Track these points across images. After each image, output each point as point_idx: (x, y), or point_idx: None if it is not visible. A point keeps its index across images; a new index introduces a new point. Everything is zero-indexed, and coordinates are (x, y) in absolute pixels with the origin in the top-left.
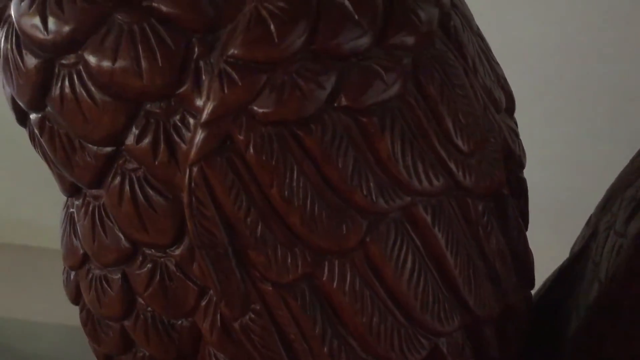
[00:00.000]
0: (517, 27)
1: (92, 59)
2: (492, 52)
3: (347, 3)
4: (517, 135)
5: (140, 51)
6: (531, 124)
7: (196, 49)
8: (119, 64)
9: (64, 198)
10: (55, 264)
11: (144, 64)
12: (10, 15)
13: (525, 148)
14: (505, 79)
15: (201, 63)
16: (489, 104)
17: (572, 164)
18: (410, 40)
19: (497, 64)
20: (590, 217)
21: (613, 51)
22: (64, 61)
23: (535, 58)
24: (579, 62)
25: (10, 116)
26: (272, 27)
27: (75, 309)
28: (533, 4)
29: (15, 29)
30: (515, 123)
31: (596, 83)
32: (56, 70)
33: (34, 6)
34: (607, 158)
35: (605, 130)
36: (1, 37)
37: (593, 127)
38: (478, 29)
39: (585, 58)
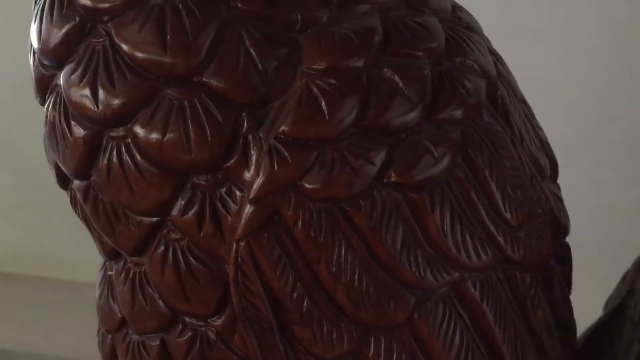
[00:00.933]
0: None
1: (141, 133)
2: (535, 118)
3: (396, 77)
4: (561, 201)
5: (190, 126)
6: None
7: (245, 123)
8: (169, 138)
9: (101, 259)
10: (73, 296)
11: (193, 138)
12: (58, 85)
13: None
14: (548, 144)
15: (250, 137)
16: (535, 172)
17: (604, 210)
18: (458, 113)
19: (541, 128)
20: (626, 274)
21: None
22: (112, 133)
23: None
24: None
25: (30, 151)
26: (323, 104)
27: (94, 344)
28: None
29: (64, 99)
30: (559, 188)
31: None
32: (104, 141)
33: (85, 79)
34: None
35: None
36: (49, 104)
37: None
38: (522, 94)
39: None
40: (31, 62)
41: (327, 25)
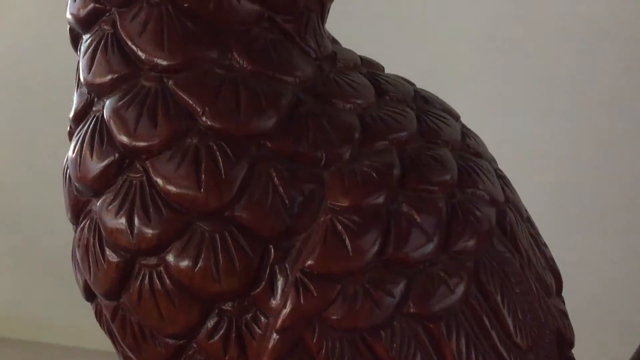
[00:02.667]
0: None
1: (173, 262)
2: (540, 235)
3: (413, 212)
4: (566, 316)
5: (220, 257)
6: None
7: (272, 255)
8: (199, 267)
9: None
10: None
11: (222, 269)
12: (94, 211)
13: None
14: (552, 259)
15: (276, 267)
16: (542, 292)
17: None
18: (472, 243)
19: (545, 245)
20: None
21: None
22: (145, 261)
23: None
24: None
25: (25, 216)
26: (347, 241)
27: None
28: None
29: (99, 226)
30: (563, 301)
31: None
32: (136, 268)
33: (121, 211)
34: None
35: None
36: (83, 227)
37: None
38: (527, 213)
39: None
40: (66, 186)
41: (349, 162)
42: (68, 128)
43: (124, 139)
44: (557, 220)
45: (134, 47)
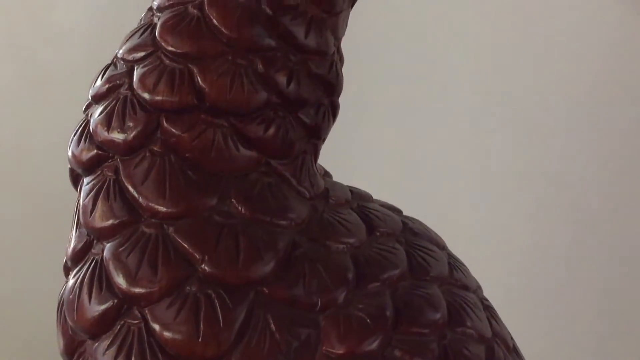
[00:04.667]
0: None
1: None
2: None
3: (407, 357)
4: None
5: None
6: None
7: None
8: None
9: None
10: None
11: None
12: (87, 352)
13: None
14: None
15: None
16: None
17: None
18: None
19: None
20: None
21: None
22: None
23: None
24: None
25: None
26: None
27: None
28: None
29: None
30: None
31: None
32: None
33: (119, 358)
34: None
35: None
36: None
37: None
38: (513, 343)
39: None
40: (60, 322)
41: (344, 305)
42: (63, 263)
43: (123, 285)
44: None
45: (135, 195)
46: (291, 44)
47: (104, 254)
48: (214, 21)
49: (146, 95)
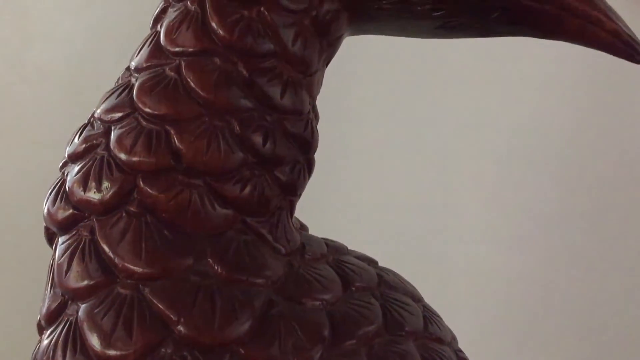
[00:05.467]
0: None
1: None
2: None
3: None
4: None
5: None
6: None
7: None
8: None
9: None
10: None
11: None
12: None
13: None
14: None
15: None
16: None
17: None
18: None
19: None
20: None
21: None
22: None
23: None
24: None
25: None
26: None
27: None
28: None
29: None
30: None
31: None
32: None
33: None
34: None
35: None
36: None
37: None
38: None
39: None
40: None
41: None
42: (37, 322)
43: (98, 348)
44: None
45: (111, 255)
46: (267, 104)
47: (79, 315)
48: (191, 84)
49: (123, 156)
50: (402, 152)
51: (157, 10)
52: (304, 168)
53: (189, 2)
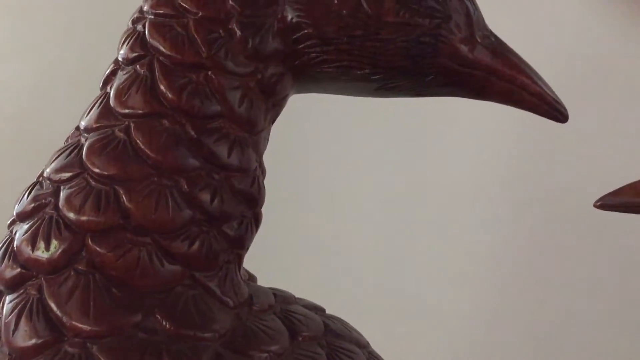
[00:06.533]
0: None
1: None
2: None
3: None
4: None
5: None
6: None
7: None
8: None
9: None
10: None
11: None
12: None
13: None
14: None
15: None
16: None
17: None
18: None
19: None
20: None
21: None
22: None
23: None
24: None
25: None
26: None
27: None
28: None
29: None
30: None
31: None
32: None
33: None
34: None
35: None
36: None
37: None
38: None
39: None
40: None
41: None
42: None
43: None
44: None
45: (59, 314)
46: (215, 163)
47: None
48: (140, 145)
49: (72, 216)
50: (353, 197)
51: (107, 72)
52: (251, 222)
53: (138, 66)
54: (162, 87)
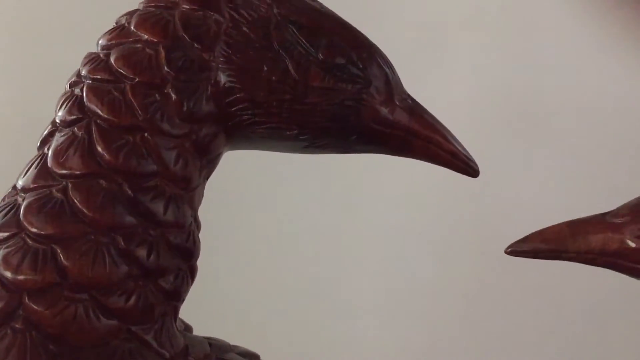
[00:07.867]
0: None
1: None
2: None
3: None
4: None
5: None
6: None
7: None
8: None
9: None
10: None
11: None
12: None
13: None
14: None
15: None
16: None
17: None
18: None
19: None
20: None
21: None
22: None
23: None
24: None
25: None
26: None
27: None
28: None
29: None
30: None
31: None
32: None
33: None
34: None
35: None
36: None
37: None
38: None
39: None
40: None
41: None
42: None
43: None
44: None
45: None
46: (151, 220)
47: None
48: (78, 205)
49: (9, 275)
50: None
51: (44, 133)
52: (186, 275)
53: (76, 128)
54: (99, 149)
